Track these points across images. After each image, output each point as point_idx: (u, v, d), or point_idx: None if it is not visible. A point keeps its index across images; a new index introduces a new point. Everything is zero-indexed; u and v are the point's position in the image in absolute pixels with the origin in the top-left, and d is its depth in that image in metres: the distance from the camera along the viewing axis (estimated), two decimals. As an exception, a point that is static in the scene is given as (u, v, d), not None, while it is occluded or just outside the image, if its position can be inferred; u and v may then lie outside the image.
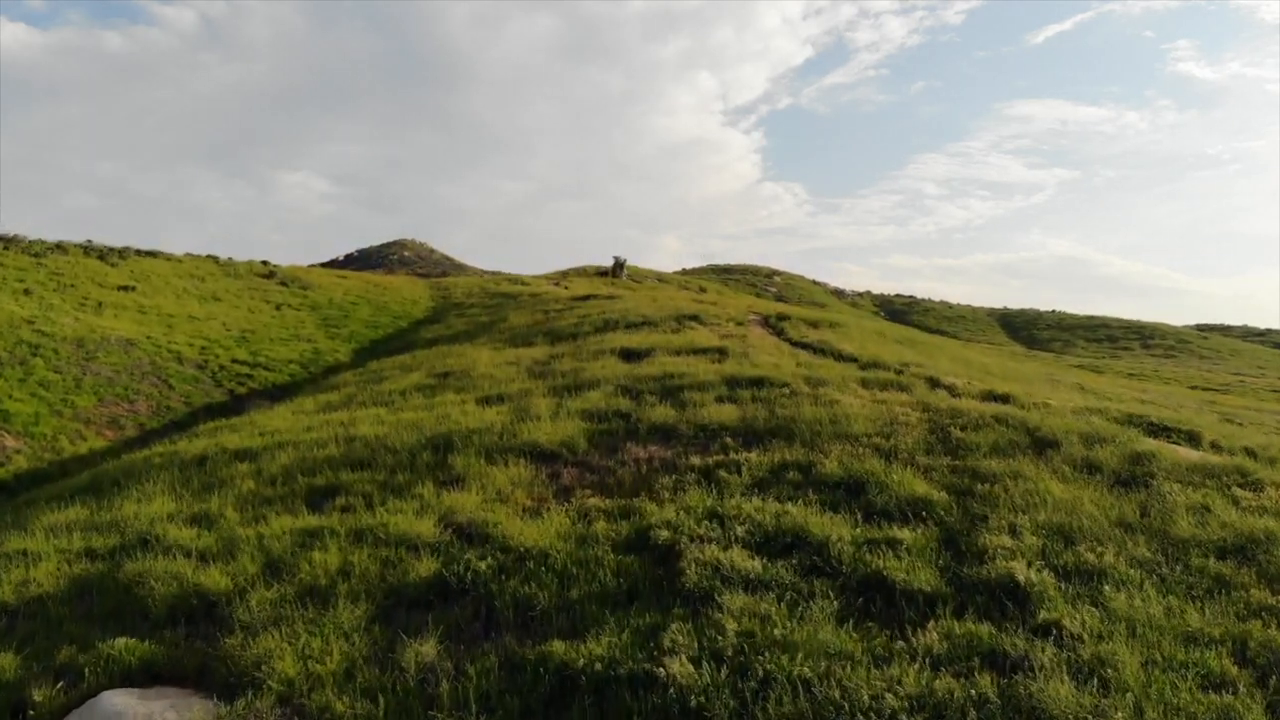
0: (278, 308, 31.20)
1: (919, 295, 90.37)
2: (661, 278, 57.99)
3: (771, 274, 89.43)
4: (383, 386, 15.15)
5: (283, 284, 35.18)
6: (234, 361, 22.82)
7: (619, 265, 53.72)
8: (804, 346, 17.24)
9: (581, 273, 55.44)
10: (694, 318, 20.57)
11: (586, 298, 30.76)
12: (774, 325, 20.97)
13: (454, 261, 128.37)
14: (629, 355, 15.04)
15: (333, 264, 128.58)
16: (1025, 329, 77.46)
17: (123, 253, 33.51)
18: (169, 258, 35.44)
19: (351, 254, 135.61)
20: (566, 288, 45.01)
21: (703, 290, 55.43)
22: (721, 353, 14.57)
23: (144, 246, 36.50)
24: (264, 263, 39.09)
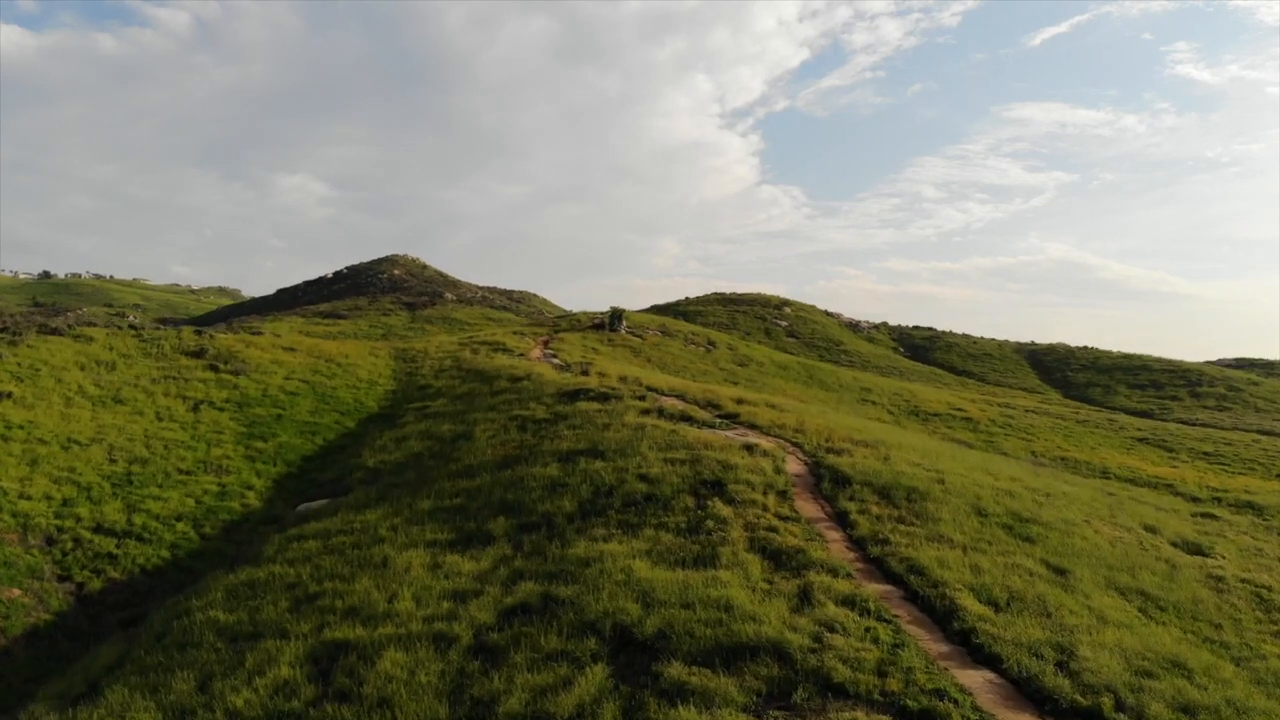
0: (195, 407, 25.37)
1: (940, 328, 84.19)
2: (666, 329, 51.97)
3: (781, 305, 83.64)
4: (227, 694, 9.35)
5: (212, 366, 29.35)
6: (98, 530, 16.98)
7: (616, 317, 47.88)
8: (890, 576, 11.55)
9: (575, 324, 49.57)
10: (718, 486, 14.86)
11: (575, 395, 25.04)
12: (829, 496, 15.20)
13: (447, 278, 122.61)
14: (626, 649, 9.31)
15: (321, 281, 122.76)
16: (1058, 369, 71.46)
17: (16, 336, 27.70)
18: (78, 336, 29.62)
19: (341, 271, 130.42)
20: (555, 354, 39.31)
21: (712, 345, 49.54)
22: (781, 656, 8.84)
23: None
24: (197, 333, 33.32)
